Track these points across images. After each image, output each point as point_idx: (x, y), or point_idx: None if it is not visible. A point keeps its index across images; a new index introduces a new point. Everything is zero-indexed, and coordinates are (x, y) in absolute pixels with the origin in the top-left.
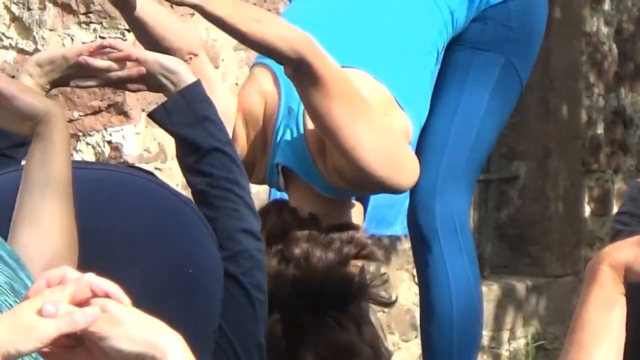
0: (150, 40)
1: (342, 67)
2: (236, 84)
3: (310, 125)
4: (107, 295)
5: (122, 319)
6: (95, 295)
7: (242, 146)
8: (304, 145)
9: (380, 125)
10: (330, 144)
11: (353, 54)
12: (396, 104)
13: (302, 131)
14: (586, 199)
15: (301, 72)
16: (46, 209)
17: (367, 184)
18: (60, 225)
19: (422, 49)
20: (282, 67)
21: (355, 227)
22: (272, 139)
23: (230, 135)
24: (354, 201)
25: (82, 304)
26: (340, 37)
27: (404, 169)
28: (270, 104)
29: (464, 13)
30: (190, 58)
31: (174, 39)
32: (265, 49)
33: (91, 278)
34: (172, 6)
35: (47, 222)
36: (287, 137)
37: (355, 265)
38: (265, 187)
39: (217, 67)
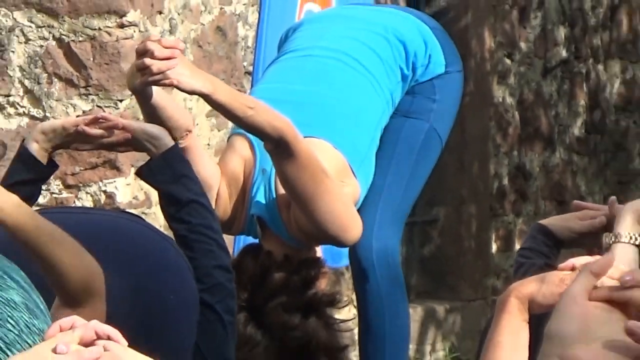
0: (157, 120)
1: (309, 136)
2: (207, 144)
3: (279, 185)
4: (109, 338)
5: (121, 356)
6: (99, 337)
7: (224, 203)
8: (273, 200)
9: (335, 193)
10: (295, 203)
11: (318, 126)
12: (350, 170)
13: (272, 189)
14: (493, 238)
15: (280, 149)
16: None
17: (320, 238)
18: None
19: (370, 125)
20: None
21: (317, 260)
22: (249, 195)
23: (215, 195)
24: None
25: (88, 344)
26: (306, 112)
27: (350, 229)
28: (248, 166)
29: (399, 92)
30: (187, 134)
31: (175, 119)
32: (254, 130)
33: (96, 324)
34: (171, 88)
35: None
36: (261, 193)
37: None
38: None
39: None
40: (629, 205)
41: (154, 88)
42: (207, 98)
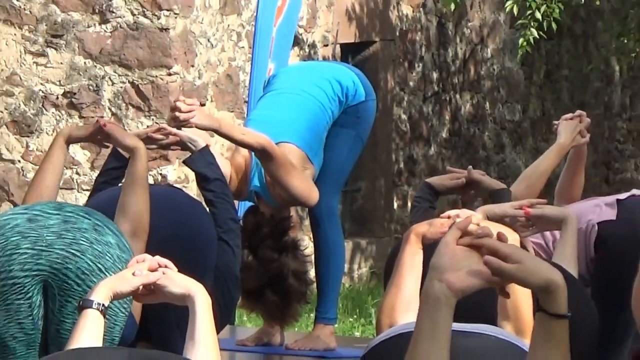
0: None
1: (281, 141)
2: (222, 144)
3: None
4: (166, 266)
5: (173, 277)
6: (160, 265)
7: (234, 183)
8: (263, 181)
9: (299, 176)
10: (276, 184)
11: (287, 134)
12: (308, 160)
13: (263, 175)
14: (395, 200)
15: (263, 155)
16: (132, 200)
17: (293, 202)
18: (141, 208)
19: (319, 132)
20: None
21: (289, 217)
22: (249, 178)
23: (228, 178)
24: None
25: (153, 270)
26: (281, 127)
27: (310, 196)
28: (248, 161)
29: (337, 112)
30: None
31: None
32: (246, 146)
33: (158, 258)
34: None
35: (131, 207)
36: (256, 177)
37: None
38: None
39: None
40: (480, 208)
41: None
42: (215, 131)
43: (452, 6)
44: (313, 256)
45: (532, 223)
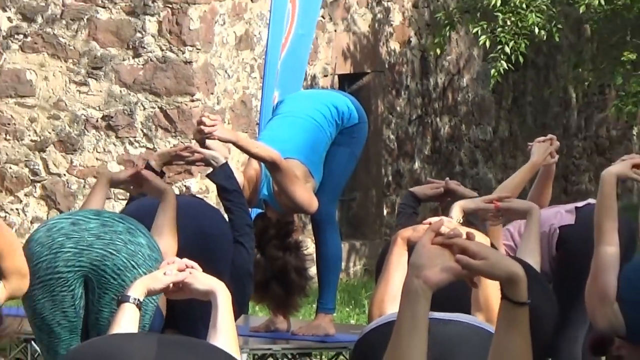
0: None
1: (288, 157)
2: (238, 161)
3: (274, 183)
4: (192, 267)
5: (198, 276)
6: (187, 266)
7: (246, 192)
8: (271, 190)
9: (302, 187)
10: (282, 193)
11: (293, 152)
12: (309, 174)
13: (271, 185)
14: (384, 207)
15: (273, 166)
16: (162, 240)
17: (296, 210)
18: (169, 229)
19: (320, 150)
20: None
21: (293, 221)
22: (259, 188)
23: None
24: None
25: (181, 270)
26: (287, 145)
27: (311, 205)
28: (258, 173)
29: (335, 133)
30: (225, 158)
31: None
32: (259, 159)
33: (186, 260)
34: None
35: (164, 229)
36: (264, 186)
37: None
38: None
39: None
40: (457, 203)
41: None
42: (233, 143)
43: (438, 51)
44: (315, 255)
45: (501, 214)
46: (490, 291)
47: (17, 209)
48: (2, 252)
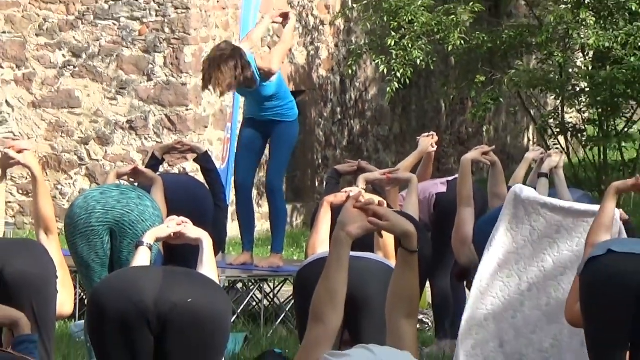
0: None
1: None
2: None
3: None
4: (185, 222)
5: (190, 228)
6: (182, 222)
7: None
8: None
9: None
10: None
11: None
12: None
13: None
14: (316, 181)
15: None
16: (157, 198)
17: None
18: (160, 202)
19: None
20: None
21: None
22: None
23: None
24: None
25: (179, 224)
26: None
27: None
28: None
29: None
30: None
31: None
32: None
33: (182, 218)
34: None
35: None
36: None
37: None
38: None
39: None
40: (361, 176)
41: None
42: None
43: (350, 72)
44: (268, 214)
45: (391, 182)
46: (387, 239)
47: (69, 184)
48: (64, 281)
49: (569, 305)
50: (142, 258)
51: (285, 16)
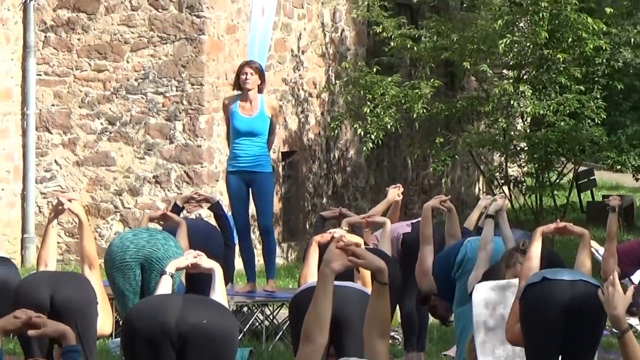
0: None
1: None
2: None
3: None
4: (201, 255)
5: (204, 260)
6: (198, 254)
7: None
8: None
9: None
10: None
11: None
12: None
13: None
14: (307, 224)
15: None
16: (180, 238)
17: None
18: (183, 240)
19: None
20: None
21: None
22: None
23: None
24: None
25: (195, 257)
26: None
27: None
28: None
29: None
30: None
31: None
32: None
33: (198, 252)
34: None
35: (181, 241)
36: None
37: None
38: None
39: None
40: (345, 220)
41: None
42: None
43: (333, 134)
44: (262, 250)
45: (369, 225)
46: (364, 272)
47: (106, 227)
48: (104, 306)
49: (509, 327)
50: (165, 285)
51: None
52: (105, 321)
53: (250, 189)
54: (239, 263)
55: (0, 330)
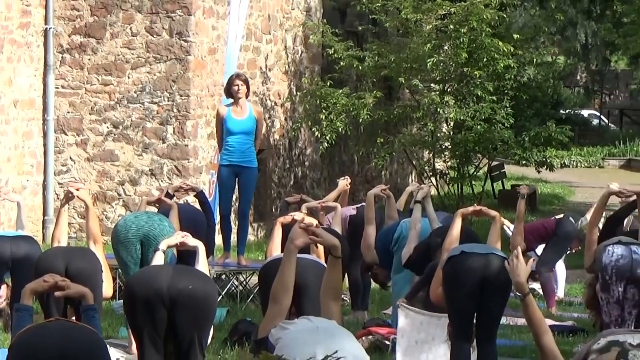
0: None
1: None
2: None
3: None
4: (188, 235)
5: (190, 239)
6: (185, 235)
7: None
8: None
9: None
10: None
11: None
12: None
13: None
14: (273, 208)
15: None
16: (173, 220)
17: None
18: (175, 222)
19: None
20: None
21: None
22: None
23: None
24: None
25: (183, 237)
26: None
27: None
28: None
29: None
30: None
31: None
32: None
33: (185, 232)
34: None
35: (174, 222)
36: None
37: None
38: None
39: None
40: (304, 205)
41: None
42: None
43: (295, 136)
44: (236, 230)
45: (324, 209)
46: (320, 248)
47: (112, 211)
48: (107, 275)
49: (433, 290)
50: (159, 259)
51: None
52: (108, 287)
53: (237, 180)
54: (218, 240)
55: (31, 291)
